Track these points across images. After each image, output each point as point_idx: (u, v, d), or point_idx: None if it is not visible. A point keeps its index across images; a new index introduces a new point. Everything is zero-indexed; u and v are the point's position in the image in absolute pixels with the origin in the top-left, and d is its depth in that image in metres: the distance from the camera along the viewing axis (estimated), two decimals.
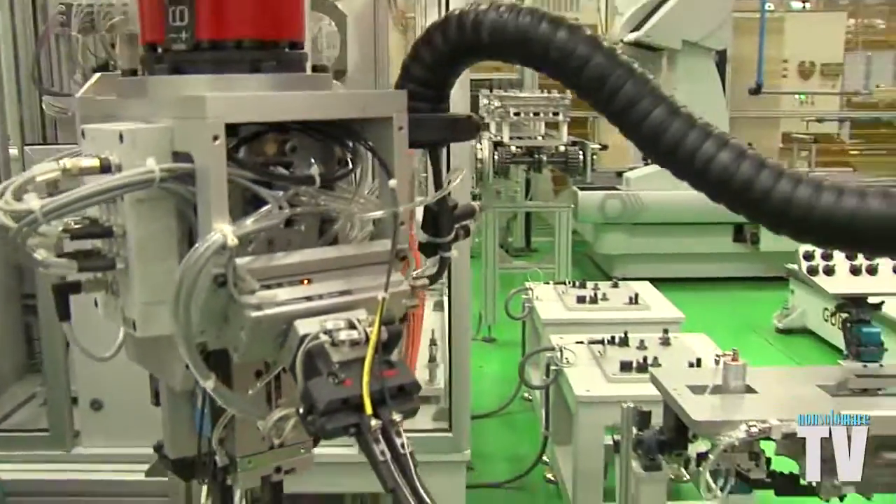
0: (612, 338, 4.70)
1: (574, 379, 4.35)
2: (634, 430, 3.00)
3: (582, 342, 4.70)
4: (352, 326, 1.30)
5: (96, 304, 1.48)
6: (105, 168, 1.31)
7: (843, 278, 3.34)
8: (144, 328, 1.35)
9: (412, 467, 1.25)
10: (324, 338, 1.28)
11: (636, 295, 5.61)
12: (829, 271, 3.35)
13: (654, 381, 3.11)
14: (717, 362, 3.03)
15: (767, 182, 1.48)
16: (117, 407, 3.19)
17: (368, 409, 1.23)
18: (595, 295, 5.63)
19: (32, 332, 4.06)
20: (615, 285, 5.85)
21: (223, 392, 1.36)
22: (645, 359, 4.36)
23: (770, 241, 9.35)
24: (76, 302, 1.48)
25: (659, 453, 2.95)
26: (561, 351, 4.53)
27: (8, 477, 2.43)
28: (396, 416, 1.27)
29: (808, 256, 3.36)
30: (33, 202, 1.25)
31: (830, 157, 12.26)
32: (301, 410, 1.26)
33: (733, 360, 2.98)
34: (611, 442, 4.38)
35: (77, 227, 1.34)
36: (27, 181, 1.29)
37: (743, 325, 8.03)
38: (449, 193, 1.62)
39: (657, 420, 3.07)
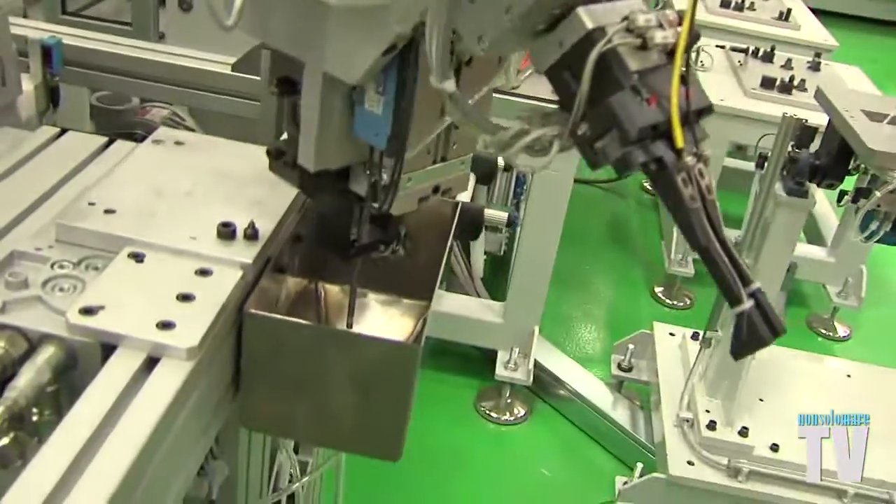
0: (756, 50, 4.17)
1: (708, 85, 3.86)
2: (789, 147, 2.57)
3: (722, 47, 4.18)
4: (660, 25, 0.91)
5: None
6: None
7: None
8: None
9: (719, 218, 0.93)
10: (624, 39, 0.89)
11: (788, 11, 4.95)
12: None
13: (820, 97, 2.64)
14: None
15: None
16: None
17: (680, 141, 0.90)
18: (741, 2, 4.99)
19: None
20: None
21: (460, 100, 0.96)
22: (791, 79, 3.86)
23: None
24: None
25: (809, 179, 2.54)
26: (697, 52, 4.02)
27: (73, 43, 2.09)
28: (706, 151, 0.94)
29: None
30: None
31: None
32: (586, 132, 0.92)
33: None
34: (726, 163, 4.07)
35: None
36: None
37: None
38: None
39: None
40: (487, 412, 3.32)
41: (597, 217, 4.72)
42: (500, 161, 3.06)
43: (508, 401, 3.34)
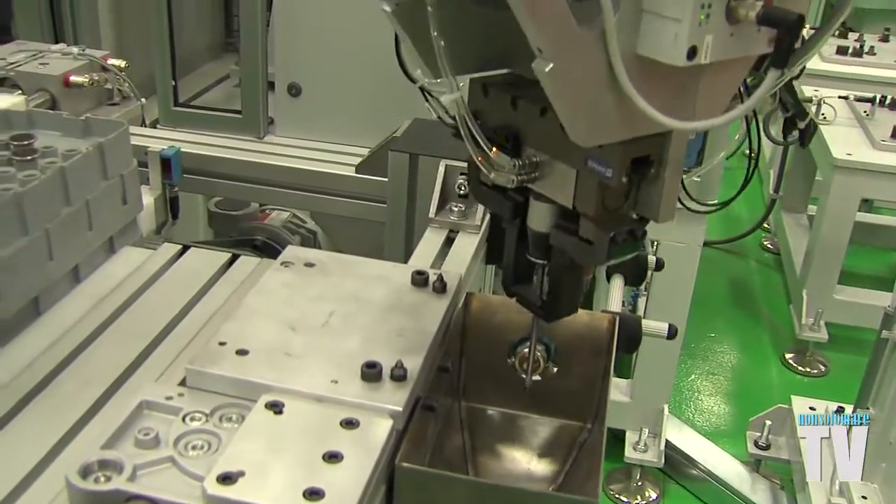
0: (884, 98, 3.95)
1: (832, 139, 3.68)
2: None
3: (846, 97, 3.98)
4: None
5: None
6: None
7: None
8: None
9: None
10: None
11: None
12: None
13: None
14: None
15: None
16: (317, 94, 2.77)
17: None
18: (860, 48, 4.75)
19: (232, 8, 3.69)
20: (885, 39, 4.96)
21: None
22: None
23: None
24: None
25: None
26: (819, 104, 3.83)
27: (191, 150, 2.05)
28: None
29: None
30: None
31: None
32: None
33: None
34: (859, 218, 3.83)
35: None
36: None
37: None
38: None
39: None
40: (617, 496, 3.15)
41: (718, 279, 4.51)
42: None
43: (639, 483, 3.17)
